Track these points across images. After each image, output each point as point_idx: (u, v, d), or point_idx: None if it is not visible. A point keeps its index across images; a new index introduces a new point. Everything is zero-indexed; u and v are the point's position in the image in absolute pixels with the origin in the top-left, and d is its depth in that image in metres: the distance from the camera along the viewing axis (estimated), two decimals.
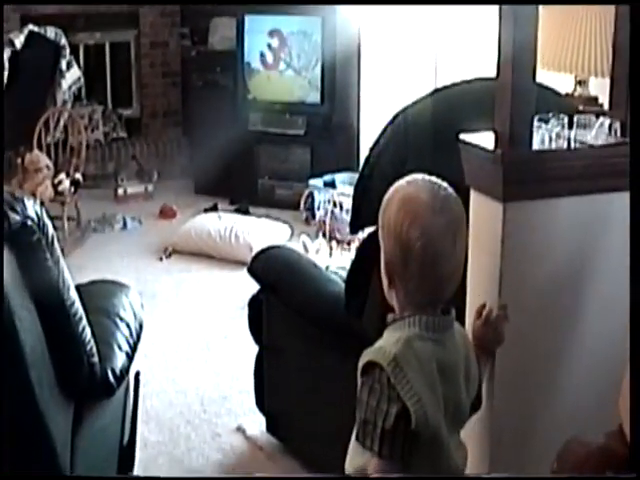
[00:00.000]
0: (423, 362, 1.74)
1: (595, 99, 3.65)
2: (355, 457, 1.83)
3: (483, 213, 2.17)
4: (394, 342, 1.75)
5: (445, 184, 1.80)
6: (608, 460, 1.73)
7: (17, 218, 2.08)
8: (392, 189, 1.81)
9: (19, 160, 6.27)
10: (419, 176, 1.81)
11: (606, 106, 2.50)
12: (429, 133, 2.66)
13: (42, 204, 2.23)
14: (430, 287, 1.77)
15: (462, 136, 2.20)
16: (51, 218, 2.27)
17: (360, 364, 1.78)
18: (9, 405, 2.09)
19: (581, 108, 2.98)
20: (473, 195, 2.21)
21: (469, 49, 5.64)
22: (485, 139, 2.16)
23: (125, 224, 7.02)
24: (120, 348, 2.59)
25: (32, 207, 2.13)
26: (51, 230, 2.18)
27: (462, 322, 2.18)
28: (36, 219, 2.13)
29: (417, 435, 1.71)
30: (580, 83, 3.72)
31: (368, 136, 6.42)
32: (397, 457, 1.71)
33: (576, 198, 2.17)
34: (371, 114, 6.80)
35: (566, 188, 2.15)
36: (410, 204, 1.75)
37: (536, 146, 2.15)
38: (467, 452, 1.93)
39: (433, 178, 1.80)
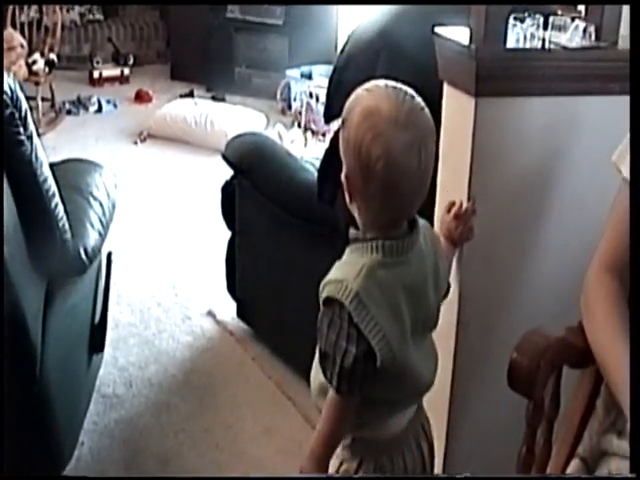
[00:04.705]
0: (388, 292, 1.63)
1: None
2: (319, 373, 1.72)
3: (455, 107, 2.19)
4: (355, 275, 1.61)
5: (411, 91, 1.60)
6: (566, 352, 1.79)
7: None
8: (353, 96, 1.64)
9: None
10: (381, 83, 1.61)
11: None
12: (403, 26, 2.65)
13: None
14: (393, 207, 1.63)
15: (437, 29, 2.20)
16: (25, 95, 2.23)
17: (321, 295, 1.65)
18: None
19: (559, 12, 2.96)
20: (446, 89, 2.22)
21: None
22: (460, 34, 2.16)
23: (100, 107, 6.96)
24: (93, 226, 2.57)
25: (5, 81, 2.07)
26: (25, 105, 2.13)
27: (432, 215, 2.21)
28: (9, 93, 2.07)
29: (383, 370, 1.62)
30: None
31: (347, 29, 6.36)
32: (355, 392, 1.65)
33: (547, 99, 2.17)
34: (350, 7, 6.72)
35: (538, 88, 2.15)
36: (371, 118, 1.56)
37: (510, 44, 2.15)
38: (437, 358, 1.87)
39: (397, 85, 1.60)
